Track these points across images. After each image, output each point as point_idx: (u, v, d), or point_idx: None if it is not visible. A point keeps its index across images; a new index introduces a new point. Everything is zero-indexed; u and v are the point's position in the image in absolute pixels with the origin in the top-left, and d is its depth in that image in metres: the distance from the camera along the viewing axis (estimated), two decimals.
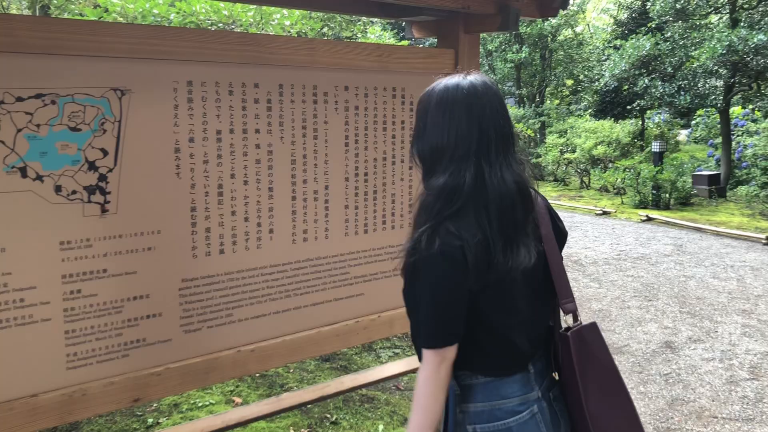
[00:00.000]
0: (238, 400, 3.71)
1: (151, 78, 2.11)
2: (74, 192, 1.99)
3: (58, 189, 1.96)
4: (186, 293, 2.26)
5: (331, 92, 2.54)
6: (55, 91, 1.93)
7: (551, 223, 1.67)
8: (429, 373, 1.51)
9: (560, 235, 1.71)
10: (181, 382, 2.27)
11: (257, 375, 3.92)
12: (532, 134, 12.80)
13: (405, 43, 7.29)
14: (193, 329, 2.30)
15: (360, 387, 2.92)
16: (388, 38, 8.54)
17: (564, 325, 1.66)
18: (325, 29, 7.15)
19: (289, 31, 4.87)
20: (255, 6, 4.17)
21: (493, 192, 1.50)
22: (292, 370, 4.05)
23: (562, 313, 1.66)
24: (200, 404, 3.64)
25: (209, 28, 4.08)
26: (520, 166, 1.58)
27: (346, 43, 2.69)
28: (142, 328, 2.18)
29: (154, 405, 3.65)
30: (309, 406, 3.49)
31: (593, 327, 1.66)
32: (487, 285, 1.51)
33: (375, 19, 8.73)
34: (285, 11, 4.73)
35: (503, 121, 1.56)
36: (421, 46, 3.67)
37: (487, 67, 19.40)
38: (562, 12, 17.84)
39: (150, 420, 3.50)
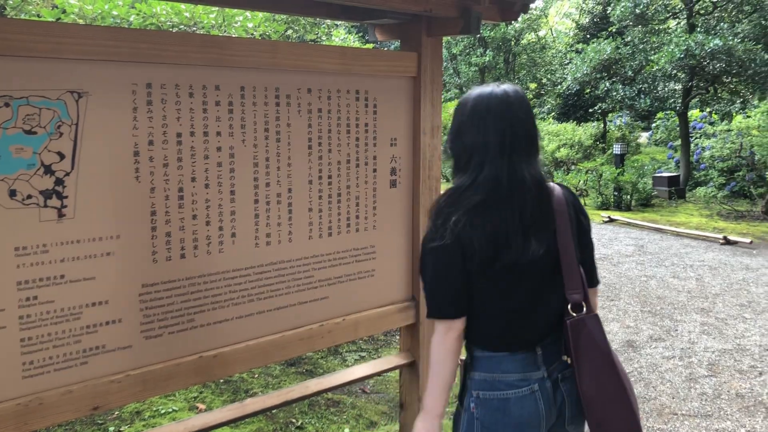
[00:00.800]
0: (201, 406, 3.67)
1: (109, 80, 2.08)
2: (30, 197, 1.94)
3: (12, 193, 1.91)
4: (146, 299, 2.22)
5: (293, 95, 2.53)
6: (8, 93, 1.88)
7: (574, 216, 1.84)
8: (435, 340, 1.79)
9: (581, 228, 1.87)
10: (142, 389, 2.23)
11: (221, 381, 3.88)
12: None
13: (370, 46, 7.29)
14: (154, 335, 2.26)
15: (325, 391, 2.90)
16: (353, 41, 8.54)
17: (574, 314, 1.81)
18: (290, 32, 7.11)
19: (252, 34, 4.84)
20: (217, 8, 4.14)
21: (518, 187, 1.71)
22: (257, 376, 4.02)
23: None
24: (163, 411, 3.59)
25: (170, 30, 4.03)
26: (539, 166, 1.79)
27: (309, 46, 2.68)
28: (101, 334, 2.13)
29: (116, 413, 3.58)
30: (274, 411, 3.46)
31: (594, 318, 1.81)
32: (493, 269, 1.72)
33: (339, 22, 8.71)
34: (248, 13, 4.69)
35: (530, 126, 1.78)
36: (387, 49, 3.69)
37: (452, 71, 19.52)
38: (524, 16, 18.04)
39: (111, 428, 3.44)
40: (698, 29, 13.56)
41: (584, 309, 1.81)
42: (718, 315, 5.63)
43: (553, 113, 21.04)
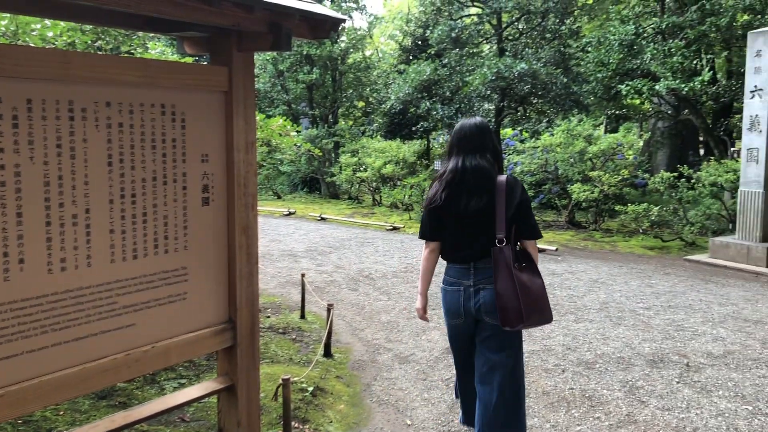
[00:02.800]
0: None
1: None
2: None
3: None
4: None
5: (90, 108, 2.36)
6: None
7: (509, 191, 3.14)
8: (424, 254, 3.37)
9: (512, 197, 3.14)
10: None
11: (19, 420, 3.51)
12: (320, 153, 13.03)
13: (189, 59, 7.06)
14: None
15: (135, 423, 2.71)
16: (171, 54, 8.22)
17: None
18: (100, 42, 6.71)
19: (53, 43, 4.49)
20: (7, 15, 3.78)
21: (466, 171, 3.17)
22: (62, 412, 3.69)
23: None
24: None
25: None
26: (483, 160, 3.19)
27: (107, 57, 2.53)
28: None
29: None
30: None
31: (508, 248, 3.12)
32: (450, 217, 3.20)
33: (160, 35, 8.34)
34: (48, 22, 4.34)
35: (482, 139, 3.23)
36: (205, 63, 3.49)
37: (279, 87, 19.44)
38: (349, 35, 18.37)
39: None
40: (507, 53, 14.65)
41: (505, 243, 3.12)
42: None
43: (380, 131, 21.68)
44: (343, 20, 3.00)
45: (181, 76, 2.67)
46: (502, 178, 3.16)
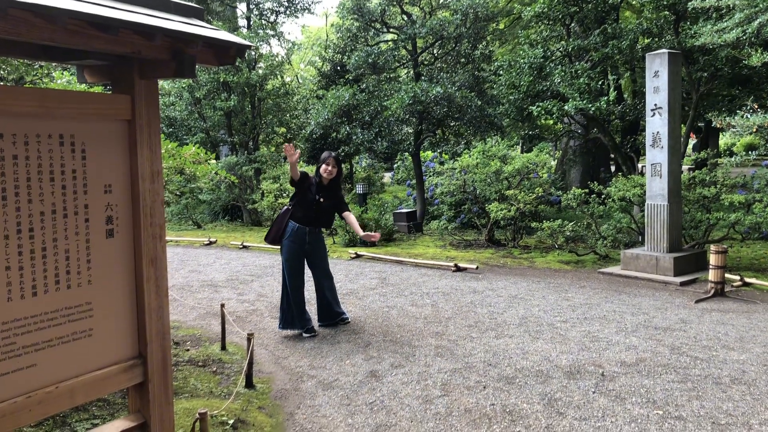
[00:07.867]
0: None
1: None
2: None
3: None
4: None
5: None
6: None
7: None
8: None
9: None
10: None
11: None
12: (236, 180, 12.81)
13: (98, 89, 6.87)
14: None
15: None
16: (80, 84, 7.97)
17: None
18: (1, 72, 6.46)
19: None
20: None
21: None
22: None
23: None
24: None
25: None
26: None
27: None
28: None
29: None
30: None
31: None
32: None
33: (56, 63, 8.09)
34: None
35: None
36: (108, 92, 3.33)
37: (197, 115, 19.13)
38: (266, 62, 18.28)
39: None
40: (423, 78, 14.94)
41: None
42: (450, 337, 6.12)
43: (303, 156, 21.61)
44: (249, 46, 3.00)
45: (80, 105, 2.60)
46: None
